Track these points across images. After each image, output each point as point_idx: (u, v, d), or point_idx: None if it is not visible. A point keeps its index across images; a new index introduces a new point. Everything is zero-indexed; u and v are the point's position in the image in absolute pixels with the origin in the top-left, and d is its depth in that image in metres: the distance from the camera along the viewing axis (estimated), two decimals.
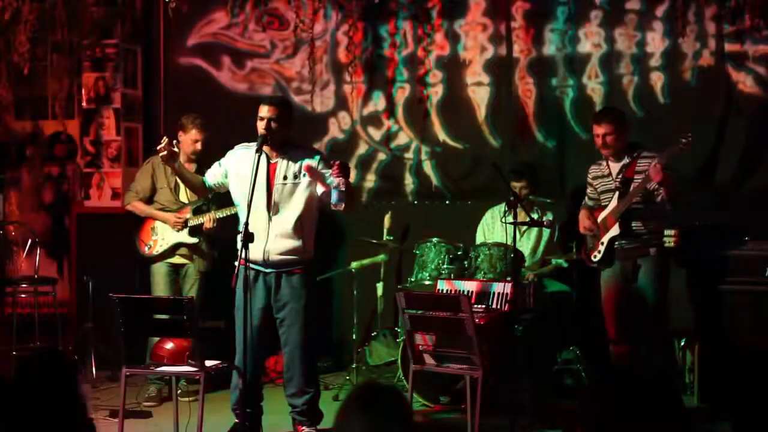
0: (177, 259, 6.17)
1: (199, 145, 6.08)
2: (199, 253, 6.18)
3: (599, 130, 5.57)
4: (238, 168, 5.06)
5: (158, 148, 5.03)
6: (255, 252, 4.89)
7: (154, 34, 7.51)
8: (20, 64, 6.99)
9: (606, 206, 5.61)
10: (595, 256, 5.62)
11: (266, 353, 5.31)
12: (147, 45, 7.50)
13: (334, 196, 4.81)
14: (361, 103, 7.27)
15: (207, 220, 6.02)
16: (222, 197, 5.47)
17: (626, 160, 5.56)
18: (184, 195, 6.16)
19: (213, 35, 7.48)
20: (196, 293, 6.07)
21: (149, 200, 6.23)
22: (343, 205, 4.82)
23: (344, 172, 4.79)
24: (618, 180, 5.55)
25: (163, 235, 6.15)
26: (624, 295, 5.55)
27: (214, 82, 7.47)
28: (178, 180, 6.04)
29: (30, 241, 7.10)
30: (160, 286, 6.12)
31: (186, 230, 6.10)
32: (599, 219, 5.62)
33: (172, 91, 7.50)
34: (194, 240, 6.12)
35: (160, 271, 6.15)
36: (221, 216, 5.99)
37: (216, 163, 5.18)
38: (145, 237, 6.21)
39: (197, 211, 6.11)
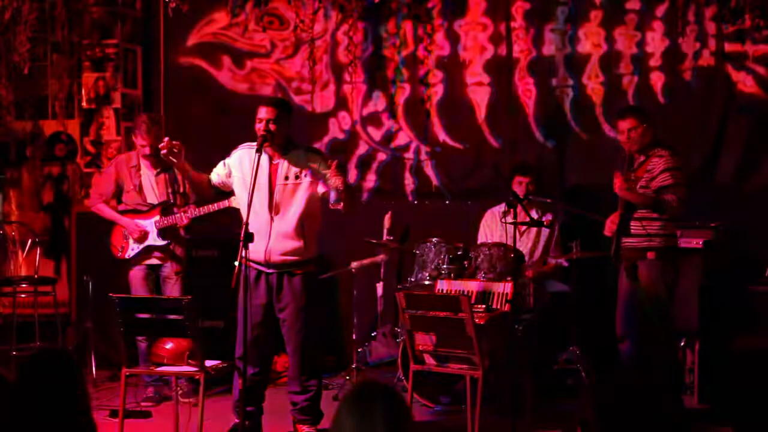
0: (153, 260, 6.07)
1: (147, 150, 5.96)
2: (172, 255, 6.08)
3: (624, 125, 5.53)
4: (240, 168, 5.08)
5: (160, 146, 5.04)
6: (257, 252, 4.91)
7: (154, 34, 7.51)
8: (20, 64, 6.99)
9: None
10: (612, 251, 5.57)
11: (272, 352, 5.31)
12: (147, 45, 7.51)
13: (332, 195, 4.85)
14: (361, 103, 7.27)
15: (179, 218, 5.93)
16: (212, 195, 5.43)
17: (642, 158, 5.54)
18: (152, 195, 6.05)
19: (213, 35, 7.48)
20: (180, 293, 5.98)
21: (118, 201, 6.14)
22: (342, 204, 4.86)
23: (341, 171, 4.81)
24: (631, 177, 5.53)
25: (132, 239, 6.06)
26: (629, 294, 5.55)
27: (214, 82, 7.47)
28: (142, 181, 6.01)
29: (30, 241, 7.10)
30: (139, 293, 5.98)
31: (155, 233, 6.01)
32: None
33: (172, 91, 7.50)
34: (164, 242, 6.02)
35: (137, 276, 6.05)
36: (199, 214, 5.88)
37: (221, 162, 5.18)
38: (116, 240, 6.11)
39: (166, 212, 6.03)
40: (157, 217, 6.02)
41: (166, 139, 5.06)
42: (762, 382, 5.14)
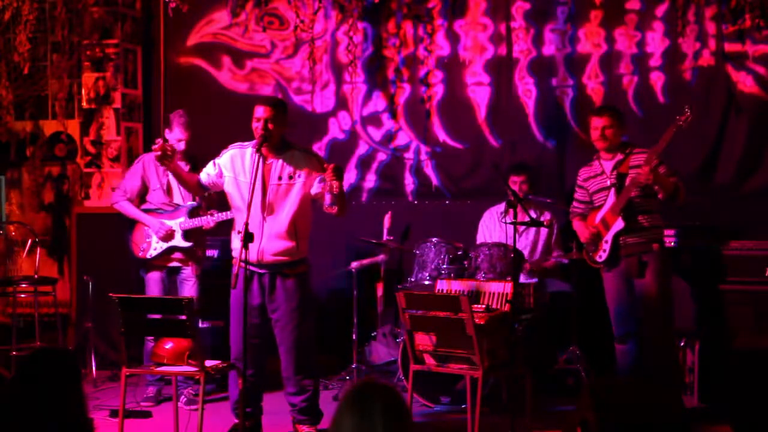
0: (174, 263, 6.03)
1: (182, 145, 5.94)
2: (194, 257, 6.06)
3: (599, 122, 5.56)
4: (232, 167, 5.06)
5: (153, 148, 5.04)
6: (249, 252, 4.88)
7: (154, 34, 7.52)
8: (20, 64, 6.99)
9: (601, 206, 5.60)
10: (600, 256, 5.56)
11: (267, 352, 5.30)
12: (147, 45, 7.51)
13: (327, 199, 4.85)
14: (361, 103, 7.27)
15: (206, 221, 5.95)
16: (224, 198, 5.44)
17: (620, 157, 5.56)
18: (178, 196, 6.03)
19: (213, 35, 7.48)
20: (196, 295, 5.96)
21: (141, 200, 6.08)
22: (336, 208, 4.86)
23: (338, 175, 4.81)
24: (612, 176, 5.54)
25: (156, 238, 6.01)
26: (628, 292, 5.54)
27: (214, 82, 7.47)
28: (171, 181, 5.99)
29: (30, 241, 7.10)
30: (155, 294, 5.92)
31: (180, 234, 6.00)
32: (597, 219, 5.60)
33: (172, 91, 7.50)
34: (188, 244, 5.99)
35: (154, 278, 6.00)
36: (225, 218, 5.90)
37: (211, 162, 5.17)
38: (138, 239, 6.04)
39: (193, 214, 6.00)
40: (183, 219, 5.98)
41: (159, 141, 5.05)
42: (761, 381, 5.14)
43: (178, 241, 5.98)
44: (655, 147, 5.36)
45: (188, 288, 6.02)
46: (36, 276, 6.92)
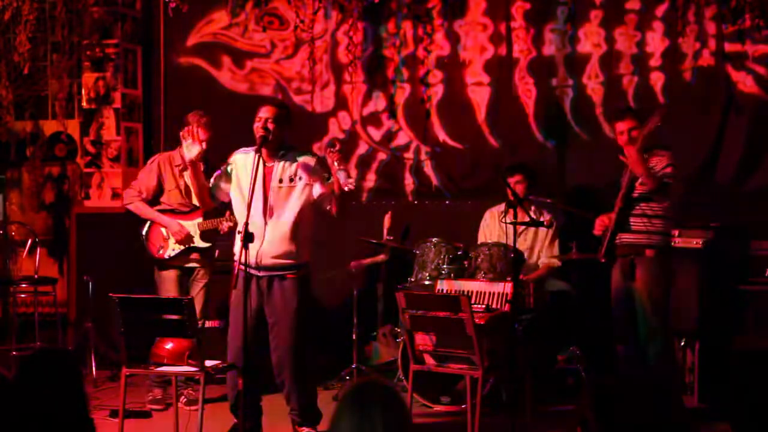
0: (191, 263, 5.98)
1: (203, 145, 5.95)
2: (210, 258, 6.03)
3: (623, 125, 5.53)
4: (237, 172, 5.06)
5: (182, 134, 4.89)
6: (248, 255, 4.86)
7: (154, 34, 7.52)
8: (20, 64, 7.00)
9: None
10: (600, 251, 5.60)
11: (263, 353, 5.30)
12: (147, 45, 7.51)
13: (342, 176, 4.73)
14: (361, 103, 7.27)
15: (223, 220, 5.86)
16: None
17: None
18: (195, 197, 5.95)
19: (213, 35, 7.48)
20: (204, 297, 5.95)
21: (154, 201, 6.01)
22: (353, 185, 4.77)
23: (343, 160, 4.84)
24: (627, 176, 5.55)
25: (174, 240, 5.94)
26: (626, 293, 5.54)
27: (214, 82, 7.47)
28: (187, 181, 5.93)
29: (30, 241, 7.10)
30: (170, 294, 5.87)
31: (198, 234, 5.94)
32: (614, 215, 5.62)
33: (172, 91, 7.50)
34: (207, 245, 5.95)
35: (169, 277, 5.94)
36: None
37: (222, 173, 5.13)
38: (155, 238, 5.97)
39: (209, 215, 5.95)
40: (200, 219, 5.94)
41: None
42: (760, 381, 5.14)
43: (197, 241, 5.95)
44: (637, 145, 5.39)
45: (197, 289, 5.98)
46: (36, 276, 6.92)
